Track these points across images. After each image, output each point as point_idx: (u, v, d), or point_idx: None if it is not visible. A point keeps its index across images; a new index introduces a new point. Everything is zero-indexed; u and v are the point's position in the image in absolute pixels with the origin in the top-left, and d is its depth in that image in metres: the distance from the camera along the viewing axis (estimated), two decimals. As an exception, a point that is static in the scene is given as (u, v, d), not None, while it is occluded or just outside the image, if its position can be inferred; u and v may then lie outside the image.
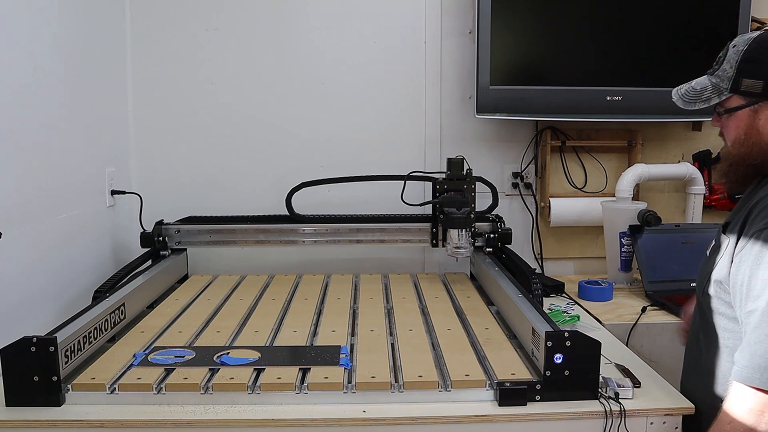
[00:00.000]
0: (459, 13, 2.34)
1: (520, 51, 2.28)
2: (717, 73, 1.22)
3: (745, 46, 1.17)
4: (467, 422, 1.22)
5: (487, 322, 1.66)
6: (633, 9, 2.22)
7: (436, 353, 1.44)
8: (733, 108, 1.20)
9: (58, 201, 1.79)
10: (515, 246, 2.17)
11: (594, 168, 2.45)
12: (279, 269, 2.25)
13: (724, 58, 1.21)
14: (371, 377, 1.29)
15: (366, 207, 2.31)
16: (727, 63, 1.19)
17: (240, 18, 2.32)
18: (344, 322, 1.66)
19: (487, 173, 2.26)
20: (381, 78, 2.36)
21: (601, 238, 2.37)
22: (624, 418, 1.22)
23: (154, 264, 2.03)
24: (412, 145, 2.40)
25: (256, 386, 1.26)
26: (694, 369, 1.34)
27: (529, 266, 1.88)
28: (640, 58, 2.24)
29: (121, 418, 1.20)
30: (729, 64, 1.19)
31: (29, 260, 1.64)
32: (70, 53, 1.88)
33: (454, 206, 2.01)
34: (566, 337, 1.25)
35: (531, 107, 2.24)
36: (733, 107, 1.20)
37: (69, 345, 1.31)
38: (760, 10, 2.31)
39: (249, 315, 1.74)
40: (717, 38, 2.22)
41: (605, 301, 2.09)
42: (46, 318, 1.67)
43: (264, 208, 2.30)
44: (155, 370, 1.32)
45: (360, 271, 2.24)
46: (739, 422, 1.08)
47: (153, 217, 2.17)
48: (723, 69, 1.20)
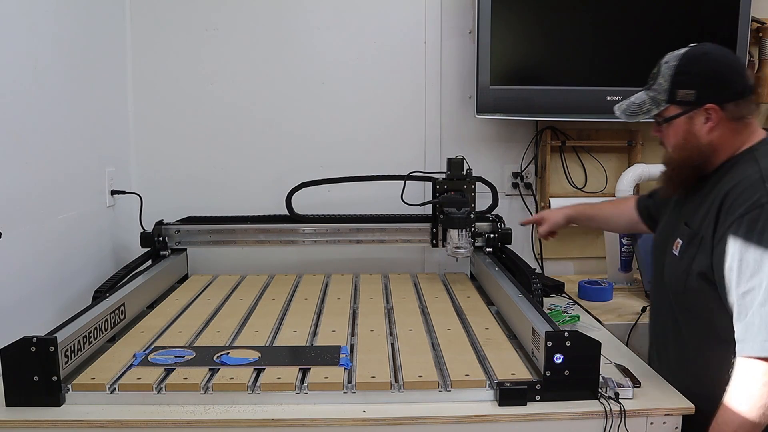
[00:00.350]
0: (459, 13, 2.34)
1: (520, 51, 2.28)
2: (653, 87, 1.34)
3: (677, 62, 1.30)
4: (467, 422, 1.22)
5: (487, 322, 1.66)
6: (633, 9, 2.22)
7: (436, 353, 1.44)
8: (671, 117, 1.32)
9: (58, 201, 1.80)
10: (515, 246, 2.17)
11: (594, 168, 2.45)
12: (279, 269, 2.25)
13: (658, 74, 1.33)
14: (371, 377, 1.29)
15: (366, 207, 2.31)
16: (662, 78, 1.32)
17: (240, 18, 2.32)
18: (344, 322, 1.66)
19: (487, 173, 2.26)
20: (381, 78, 2.36)
21: (601, 238, 2.37)
22: (624, 418, 1.22)
23: (154, 264, 2.03)
24: (412, 145, 2.40)
25: (256, 386, 1.26)
26: (678, 364, 1.39)
27: (529, 266, 1.88)
28: (640, 58, 2.22)
29: (121, 418, 1.20)
30: (664, 78, 1.32)
31: (29, 260, 1.64)
32: (71, 53, 1.88)
33: (454, 206, 2.01)
34: (566, 337, 1.25)
35: (531, 107, 2.24)
36: (671, 116, 1.32)
37: (69, 345, 1.31)
38: (760, 10, 2.31)
39: (249, 315, 1.74)
40: (717, 38, 2.22)
41: (605, 301, 2.09)
42: (45, 318, 1.67)
43: (264, 208, 2.30)
44: (155, 370, 1.32)
45: (360, 271, 2.24)
46: (758, 394, 1.14)
47: (153, 217, 2.17)
48: (658, 83, 1.33)
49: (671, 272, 1.37)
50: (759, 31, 2.33)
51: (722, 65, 1.29)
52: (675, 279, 1.35)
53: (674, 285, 1.36)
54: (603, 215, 1.80)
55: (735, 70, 1.30)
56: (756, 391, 1.15)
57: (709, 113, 1.29)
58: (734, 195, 1.23)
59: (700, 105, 1.29)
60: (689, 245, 1.32)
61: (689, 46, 1.31)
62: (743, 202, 1.21)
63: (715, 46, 1.30)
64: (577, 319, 1.83)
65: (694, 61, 1.29)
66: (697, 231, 1.30)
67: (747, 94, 1.30)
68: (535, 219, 1.89)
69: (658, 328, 1.49)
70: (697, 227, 1.31)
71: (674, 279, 1.35)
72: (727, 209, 1.23)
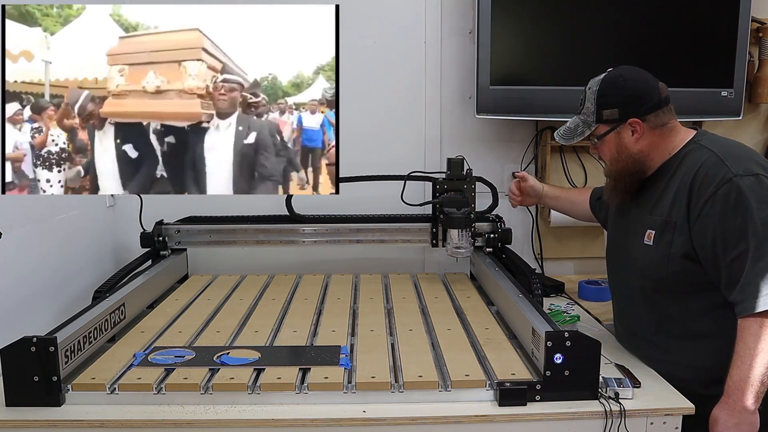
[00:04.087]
0: (459, 13, 2.34)
1: (520, 51, 2.27)
2: (583, 111, 1.52)
3: (598, 86, 1.48)
4: (467, 422, 1.22)
5: (487, 322, 1.66)
6: (633, 9, 2.22)
7: (436, 353, 1.44)
8: (602, 134, 1.50)
9: (58, 201, 1.79)
10: (515, 246, 2.17)
11: (594, 168, 2.45)
12: (279, 269, 2.25)
13: (585, 100, 1.52)
14: (371, 377, 1.29)
15: (366, 207, 2.31)
16: (588, 102, 1.50)
17: (240, 18, 2.32)
18: (344, 322, 1.66)
19: (487, 173, 2.26)
20: (381, 78, 2.36)
21: (601, 238, 2.37)
22: (624, 418, 1.22)
23: (154, 264, 2.03)
24: (412, 145, 2.40)
25: (256, 386, 1.26)
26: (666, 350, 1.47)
27: (529, 266, 1.88)
28: (640, 58, 2.22)
29: (121, 418, 1.20)
30: (590, 102, 1.50)
31: (29, 260, 1.64)
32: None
33: (454, 206, 2.01)
34: (566, 337, 1.25)
35: (531, 107, 2.23)
36: (601, 134, 1.50)
37: (69, 345, 1.31)
38: (760, 10, 2.31)
39: (249, 315, 1.74)
40: (717, 38, 2.23)
41: (605, 301, 2.09)
42: (46, 318, 1.67)
43: (264, 208, 2.30)
44: (155, 370, 1.32)
45: (360, 271, 2.24)
46: (766, 348, 1.25)
47: (153, 217, 2.16)
48: (586, 107, 1.51)
49: (648, 261, 1.47)
50: (759, 31, 2.33)
51: (637, 83, 1.47)
52: (654, 266, 1.45)
53: (653, 272, 1.46)
54: (568, 198, 1.95)
55: (648, 86, 1.47)
56: (765, 345, 1.25)
57: (633, 126, 1.46)
58: (700, 177, 1.37)
59: (624, 120, 1.47)
60: (663, 232, 1.44)
61: (607, 71, 1.49)
62: (711, 180, 1.35)
63: (629, 68, 1.49)
64: (577, 319, 1.83)
65: (612, 84, 1.47)
66: (668, 218, 1.43)
67: (663, 104, 1.47)
68: (522, 175, 1.99)
69: (631, 320, 1.58)
70: (667, 215, 1.43)
71: (653, 266, 1.46)
72: (697, 190, 1.37)
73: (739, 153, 1.40)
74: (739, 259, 1.30)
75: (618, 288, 1.64)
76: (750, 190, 1.31)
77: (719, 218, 1.33)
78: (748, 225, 1.29)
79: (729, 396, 1.28)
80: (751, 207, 1.30)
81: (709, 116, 2.24)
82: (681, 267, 1.41)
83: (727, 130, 2.35)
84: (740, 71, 2.22)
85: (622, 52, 2.23)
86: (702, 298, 1.41)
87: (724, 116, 2.26)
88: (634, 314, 1.55)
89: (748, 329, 1.27)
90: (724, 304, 1.35)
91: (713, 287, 1.38)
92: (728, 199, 1.32)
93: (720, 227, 1.33)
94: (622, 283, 1.60)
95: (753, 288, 1.27)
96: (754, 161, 1.37)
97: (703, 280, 1.39)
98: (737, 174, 1.33)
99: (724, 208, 1.32)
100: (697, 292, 1.42)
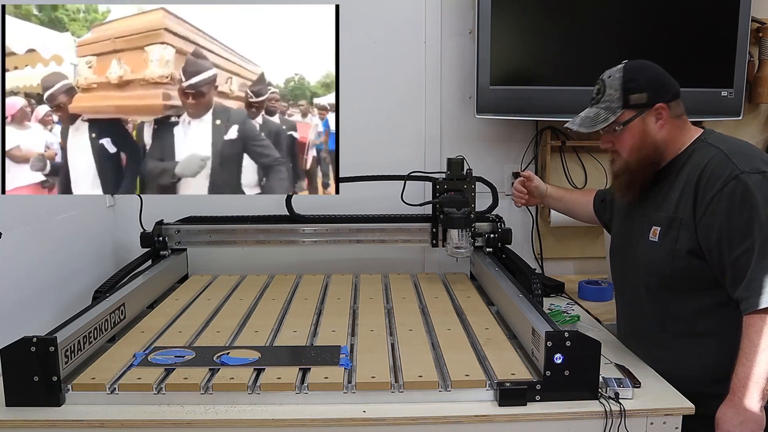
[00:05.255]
0: (459, 13, 2.34)
1: (520, 51, 2.27)
2: (602, 100, 1.49)
3: (622, 73, 1.46)
4: (467, 422, 1.22)
5: (487, 322, 1.66)
6: (633, 9, 2.22)
7: (436, 353, 1.44)
8: (627, 120, 1.46)
9: (58, 201, 1.79)
10: (515, 246, 2.17)
11: (594, 168, 2.45)
12: (279, 269, 2.25)
13: (604, 88, 1.49)
14: (371, 377, 1.29)
15: (366, 207, 2.31)
16: (611, 89, 1.47)
17: (240, 18, 2.32)
18: (344, 322, 1.66)
19: (487, 173, 2.26)
20: (381, 78, 2.36)
21: (601, 238, 2.37)
22: (624, 418, 1.22)
23: (154, 264, 2.03)
24: (412, 145, 2.40)
25: (256, 386, 1.26)
26: (670, 348, 1.47)
27: (529, 266, 1.88)
28: (640, 57, 2.22)
29: (121, 418, 1.20)
30: (613, 89, 1.47)
31: (29, 260, 1.64)
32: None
33: (454, 206, 2.01)
34: (566, 337, 1.25)
35: (531, 107, 2.23)
36: (626, 120, 1.47)
37: (69, 345, 1.31)
38: (760, 10, 2.31)
39: (249, 315, 1.74)
40: (717, 38, 2.22)
41: (605, 301, 2.09)
42: (46, 318, 1.67)
43: (264, 208, 2.30)
44: (155, 370, 1.32)
45: (360, 271, 2.24)
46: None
47: (153, 217, 2.16)
48: (608, 95, 1.48)
49: (653, 258, 1.47)
50: (759, 31, 2.33)
51: (659, 71, 1.48)
52: (659, 262, 1.45)
53: (657, 269, 1.46)
54: (571, 199, 1.92)
55: (669, 76, 1.47)
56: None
57: (659, 112, 1.45)
58: (707, 174, 1.38)
59: (651, 105, 1.45)
60: (669, 228, 1.44)
61: (624, 62, 1.49)
62: (718, 177, 1.36)
63: (643, 60, 1.50)
64: (577, 319, 1.83)
65: (639, 70, 1.47)
66: (674, 214, 1.43)
67: (679, 95, 1.48)
68: (527, 174, 1.95)
69: (635, 319, 1.58)
70: (673, 211, 1.44)
71: (658, 263, 1.46)
72: (704, 187, 1.37)
73: (746, 151, 1.41)
74: (744, 256, 1.31)
75: (622, 287, 1.64)
76: (756, 188, 1.31)
77: (725, 215, 1.33)
78: (754, 222, 1.30)
79: (734, 394, 1.28)
80: (758, 204, 1.30)
81: (709, 116, 2.24)
82: (686, 263, 1.41)
83: (727, 130, 2.34)
84: (740, 71, 2.22)
85: (622, 51, 2.22)
86: (706, 296, 1.41)
87: (724, 116, 2.26)
88: (638, 313, 1.55)
89: (753, 326, 1.28)
90: (728, 302, 1.36)
91: (718, 285, 1.38)
92: (734, 195, 1.32)
93: (726, 224, 1.33)
94: (626, 281, 1.60)
95: (758, 284, 1.28)
96: (761, 159, 1.37)
97: (707, 278, 1.39)
98: (744, 171, 1.33)
99: (730, 205, 1.33)
100: (701, 290, 1.42)
